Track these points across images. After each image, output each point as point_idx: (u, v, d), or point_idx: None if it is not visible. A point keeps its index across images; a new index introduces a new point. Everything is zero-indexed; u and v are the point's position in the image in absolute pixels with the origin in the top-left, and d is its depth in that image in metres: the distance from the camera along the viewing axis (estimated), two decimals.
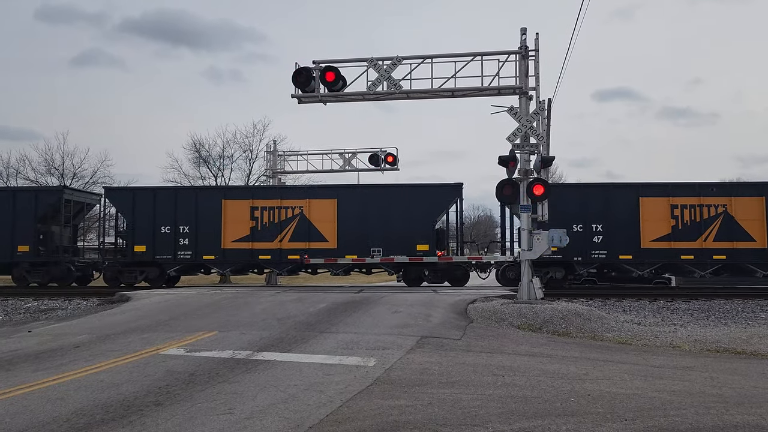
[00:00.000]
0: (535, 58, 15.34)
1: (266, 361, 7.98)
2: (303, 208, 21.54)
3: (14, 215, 21.94)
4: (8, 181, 38.99)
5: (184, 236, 21.66)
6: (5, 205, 22.08)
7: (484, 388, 6.61)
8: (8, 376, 7.45)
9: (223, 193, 22.87)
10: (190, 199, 22.18)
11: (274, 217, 21.67)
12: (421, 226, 21.14)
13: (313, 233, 21.45)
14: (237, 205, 21.82)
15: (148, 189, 23.08)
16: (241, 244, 21.61)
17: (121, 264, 22.27)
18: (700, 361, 9.20)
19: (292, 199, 21.79)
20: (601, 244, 20.40)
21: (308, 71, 16.20)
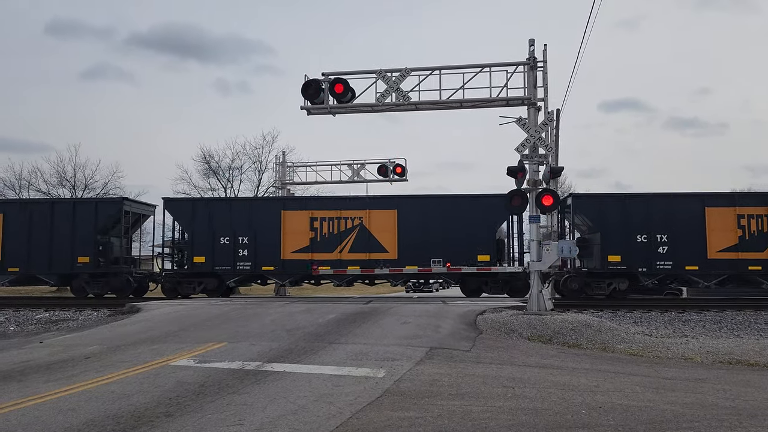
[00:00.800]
0: (544, 68, 15.38)
1: (276, 372, 7.99)
2: (363, 219, 21.46)
3: (74, 226, 21.93)
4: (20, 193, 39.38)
5: (243, 247, 21.63)
6: (65, 216, 22.09)
7: (494, 399, 6.58)
8: (20, 386, 7.49)
9: (283, 204, 22.74)
10: (250, 210, 22.23)
11: (334, 228, 21.58)
12: (481, 237, 20.98)
13: (373, 244, 21.36)
14: (296, 215, 21.76)
15: (208, 200, 23.27)
16: (301, 255, 21.53)
17: (179, 275, 22.18)
18: (712, 373, 9.12)
19: (351, 209, 21.69)
20: (666, 254, 20.16)
21: (317, 83, 16.32)
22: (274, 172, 29.74)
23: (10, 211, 22.55)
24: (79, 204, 23.10)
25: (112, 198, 23.10)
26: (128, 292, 22.64)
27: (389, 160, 26.61)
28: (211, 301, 18.68)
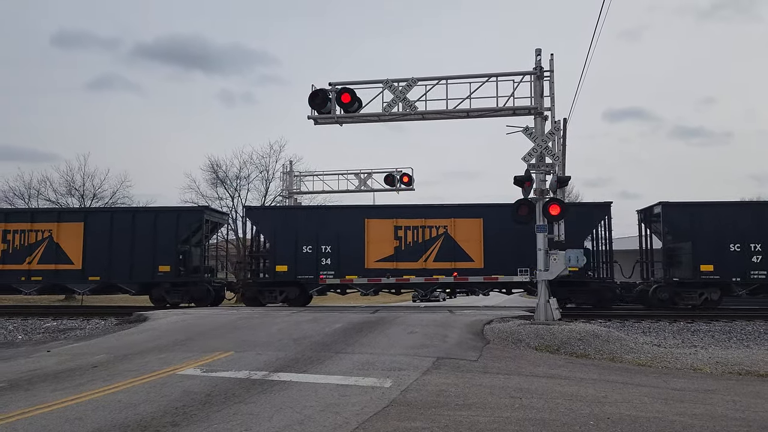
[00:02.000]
0: (550, 78, 15.40)
1: (282, 382, 7.97)
2: (447, 228, 21.21)
3: (155, 235, 21.91)
4: (29, 202, 39.66)
5: (326, 256, 21.43)
6: (147, 225, 22.08)
7: (502, 410, 6.54)
8: (27, 395, 7.51)
9: (366, 212, 22.31)
10: (333, 219, 22.03)
11: (418, 237, 21.37)
12: (569, 246, 20.65)
13: (459, 253, 21.09)
14: (380, 224, 21.53)
15: (290, 209, 22.93)
16: (385, 263, 21.29)
17: (260, 284, 22.04)
18: (722, 383, 9.03)
19: (436, 218, 21.46)
20: (760, 264, 19.91)
21: (324, 93, 16.38)
22: (282, 181, 29.81)
23: (92, 220, 22.49)
24: (160, 213, 22.89)
25: (193, 207, 22.94)
26: (208, 301, 22.41)
27: (396, 170, 26.63)
28: (218, 310, 18.70)
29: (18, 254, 22.17)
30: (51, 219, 22.60)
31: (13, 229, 22.30)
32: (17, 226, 22.32)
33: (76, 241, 22.06)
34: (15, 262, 22.11)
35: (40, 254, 22.09)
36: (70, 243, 22.07)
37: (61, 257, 22.03)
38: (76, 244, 22.04)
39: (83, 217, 22.68)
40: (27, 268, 22.07)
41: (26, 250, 22.16)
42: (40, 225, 22.30)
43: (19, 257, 22.12)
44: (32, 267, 22.09)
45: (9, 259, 22.15)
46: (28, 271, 22.08)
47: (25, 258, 22.11)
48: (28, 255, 22.14)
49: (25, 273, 22.07)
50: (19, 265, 22.08)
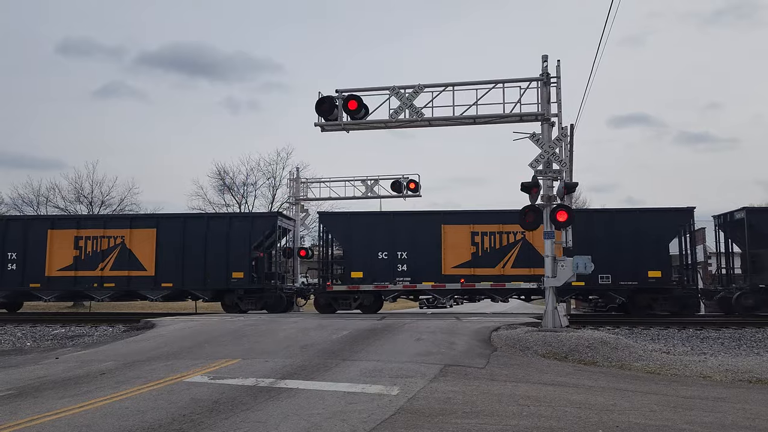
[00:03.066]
0: (557, 84, 15.38)
1: (289, 389, 7.96)
2: (525, 234, 20.86)
3: (229, 241, 21.87)
4: (38, 209, 39.92)
5: (402, 262, 21.25)
6: (220, 231, 22.04)
7: (509, 418, 6.50)
8: (35, 402, 7.53)
9: (443, 218, 22.07)
10: (409, 225, 21.75)
11: (496, 243, 21.19)
12: (651, 252, 20.50)
13: (537, 259, 20.48)
14: (457, 230, 21.36)
15: (366, 214, 22.75)
16: (462, 270, 21.10)
17: (334, 290, 21.72)
18: (732, 391, 8.95)
19: (514, 223, 20.73)
20: None
21: (331, 100, 16.42)
22: (288, 188, 29.88)
23: (164, 227, 22.45)
24: (234, 219, 22.92)
25: (267, 213, 22.88)
26: (281, 308, 22.22)
27: (403, 176, 26.58)
28: (225, 317, 18.72)
29: (91, 260, 22.16)
30: (123, 225, 22.61)
31: (85, 235, 22.35)
32: (89, 232, 22.37)
33: (149, 247, 22.07)
34: (88, 268, 22.15)
35: (112, 261, 22.11)
36: (142, 249, 22.09)
37: (133, 264, 22.04)
38: (149, 251, 22.05)
39: (155, 224, 22.60)
40: (99, 274, 22.10)
41: (99, 256, 22.15)
42: (112, 231, 22.32)
43: (92, 264, 22.11)
44: (105, 273, 22.13)
45: (81, 265, 22.15)
46: (101, 278, 22.11)
47: (98, 264, 22.10)
48: (100, 261, 22.12)
49: (98, 279, 22.10)
50: (91, 271, 22.11)
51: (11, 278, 22.41)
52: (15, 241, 22.50)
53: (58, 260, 22.32)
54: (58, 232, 22.52)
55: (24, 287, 22.50)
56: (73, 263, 22.20)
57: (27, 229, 22.69)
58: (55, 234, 22.50)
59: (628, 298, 20.85)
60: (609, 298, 21.47)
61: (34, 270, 22.29)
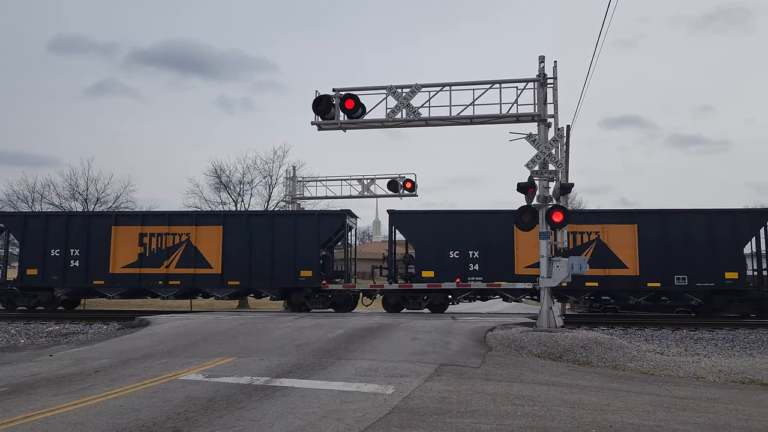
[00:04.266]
0: (554, 85, 15.41)
1: (284, 388, 7.97)
2: (600, 234, 20.69)
3: (296, 239, 21.51)
4: (33, 206, 39.76)
5: (474, 261, 20.89)
6: (287, 229, 21.69)
7: (504, 417, 6.53)
8: (30, 399, 7.52)
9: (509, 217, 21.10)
10: (482, 223, 21.22)
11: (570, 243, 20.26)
12: (727, 253, 20.16)
13: (611, 259, 20.49)
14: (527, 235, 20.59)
15: (437, 213, 22.13)
16: (535, 270, 19.85)
17: (403, 289, 21.28)
18: (724, 392, 9.00)
19: (587, 223, 20.92)
20: None
21: (328, 99, 16.42)
22: (285, 186, 29.85)
23: (231, 224, 22.13)
24: (301, 217, 22.46)
25: (336, 211, 22.34)
26: (348, 308, 21.81)
27: (399, 176, 26.60)
28: (221, 316, 18.70)
29: (155, 258, 21.88)
30: (189, 222, 22.24)
31: (149, 232, 22.04)
32: (154, 229, 22.06)
33: (215, 244, 21.77)
34: (152, 265, 21.85)
35: (177, 258, 21.80)
36: (208, 247, 21.79)
37: (199, 261, 21.74)
38: (215, 248, 21.75)
39: (222, 221, 22.26)
40: (165, 272, 21.80)
41: (163, 253, 21.85)
42: (177, 228, 22.01)
43: (157, 261, 21.84)
44: (170, 271, 21.80)
45: (146, 262, 21.88)
46: (166, 275, 21.79)
47: (163, 262, 21.81)
48: (165, 259, 21.82)
49: (163, 277, 21.80)
50: (156, 268, 21.82)
51: (75, 275, 22.08)
52: (78, 238, 22.20)
53: (122, 257, 22.00)
54: (122, 229, 22.20)
55: (88, 284, 22.16)
56: (138, 260, 21.89)
57: (90, 225, 22.41)
58: (119, 230, 22.19)
59: (704, 300, 20.54)
60: (683, 300, 21.17)
61: (98, 267, 21.96)
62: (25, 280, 22.39)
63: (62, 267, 22.11)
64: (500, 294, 21.31)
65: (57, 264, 22.12)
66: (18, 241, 23.19)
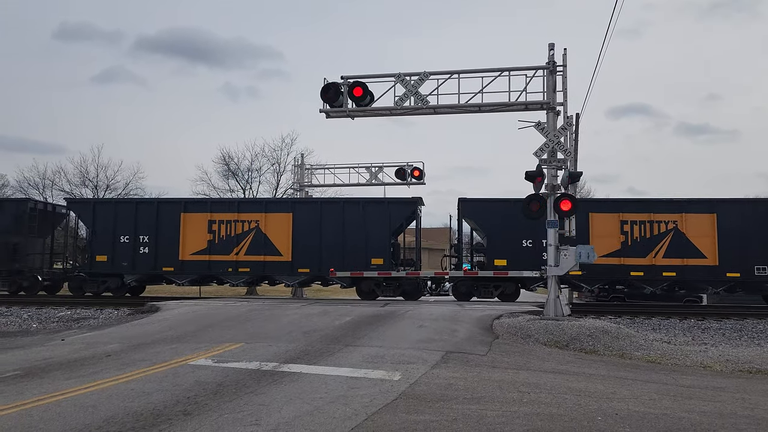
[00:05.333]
0: (563, 73, 15.33)
1: (292, 373, 8.06)
2: (677, 223, 20.42)
3: (366, 227, 21.39)
4: (44, 193, 40.08)
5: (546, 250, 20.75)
6: (357, 216, 21.59)
7: (510, 404, 6.58)
8: (42, 383, 7.65)
9: (590, 206, 21.19)
10: None
11: (645, 232, 20.58)
12: None
13: (689, 248, 20.24)
14: (604, 218, 20.75)
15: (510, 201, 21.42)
16: (610, 259, 20.49)
17: (473, 279, 21.11)
18: (731, 381, 9.02)
19: (665, 212, 20.65)
20: None
21: (336, 86, 16.42)
22: (293, 174, 29.91)
23: (301, 211, 22.09)
24: (372, 204, 22.18)
25: (406, 198, 22.16)
26: (418, 295, 21.64)
27: (407, 164, 26.55)
28: (229, 302, 18.85)
29: (225, 245, 21.93)
30: (258, 209, 22.26)
31: (218, 219, 22.10)
32: (223, 216, 22.13)
33: (285, 232, 21.74)
34: (222, 252, 21.90)
35: (247, 245, 21.81)
36: (278, 234, 21.77)
37: (269, 248, 21.72)
38: (285, 236, 21.72)
39: (291, 208, 22.27)
40: (234, 259, 21.82)
41: (233, 240, 21.90)
42: (246, 215, 22.03)
43: (226, 248, 21.89)
44: (239, 258, 21.83)
45: (215, 249, 21.92)
46: (236, 262, 21.83)
47: (232, 249, 21.85)
48: (234, 246, 21.86)
49: (232, 264, 21.83)
50: (226, 255, 21.87)
51: (144, 262, 22.19)
52: (147, 224, 22.30)
53: (191, 244, 22.04)
54: (191, 216, 22.24)
55: (157, 271, 22.30)
56: (207, 247, 21.94)
57: (159, 212, 22.48)
58: (188, 217, 22.23)
59: None
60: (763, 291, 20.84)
61: (168, 253, 22.07)
62: (94, 267, 22.46)
63: (131, 253, 22.22)
64: (573, 284, 21.06)
65: (126, 250, 22.25)
66: (87, 227, 23.26)
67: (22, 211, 23.45)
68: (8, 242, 23.08)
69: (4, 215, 23.30)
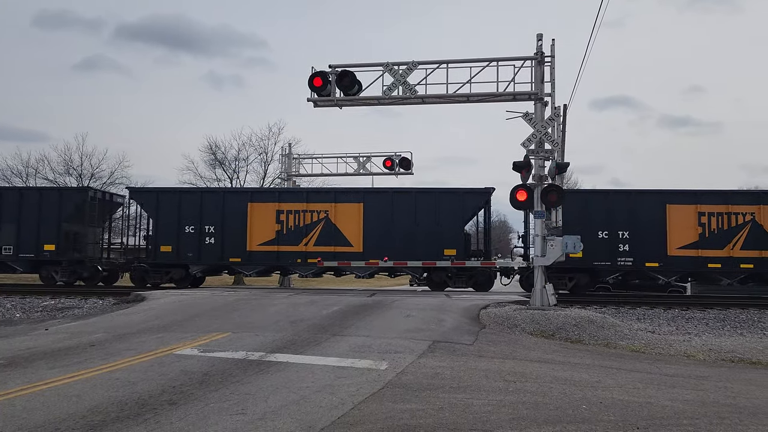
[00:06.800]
0: (551, 64, 15.33)
1: (279, 363, 8.04)
2: (755, 215, 20.20)
3: (438, 217, 21.09)
4: (27, 181, 39.57)
5: (623, 242, 20.40)
6: (431, 207, 21.25)
7: (496, 393, 6.61)
8: (25, 372, 7.57)
9: (668, 198, 20.81)
10: (630, 204, 20.62)
11: (723, 224, 20.39)
12: None
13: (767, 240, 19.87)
14: (682, 210, 20.38)
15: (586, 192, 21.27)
16: (687, 251, 20.22)
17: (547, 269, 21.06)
18: (714, 370, 9.13)
19: (742, 204, 20.42)
20: None
21: (324, 75, 16.31)
22: (280, 163, 29.77)
23: (371, 201, 21.67)
24: (445, 194, 21.80)
25: (480, 189, 21.79)
26: (488, 287, 21.47)
27: (395, 153, 26.57)
28: (216, 292, 18.77)
29: (293, 235, 21.61)
30: (327, 199, 21.86)
31: (286, 209, 21.76)
32: (291, 206, 21.77)
33: (355, 222, 21.41)
34: (290, 243, 21.56)
35: (316, 236, 21.51)
36: (348, 224, 21.45)
37: (339, 239, 21.40)
38: (356, 226, 21.40)
39: (362, 198, 21.80)
40: (303, 249, 21.49)
41: (301, 231, 21.58)
42: (315, 205, 21.68)
43: (295, 238, 21.57)
44: (308, 249, 21.48)
45: (283, 240, 21.59)
46: (305, 253, 21.48)
47: (301, 239, 21.52)
48: (303, 236, 21.54)
49: (301, 255, 21.51)
50: (294, 246, 21.53)
51: (210, 252, 21.83)
52: (212, 215, 21.94)
53: (259, 234, 21.70)
54: (259, 206, 21.89)
55: (224, 261, 22.00)
56: (275, 237, 21.58)
57: (225, 202, 22.15)
58: (255, 207, 21.87)
59: None
60: None
61: (234, 244, 21.74)
62: (159, 257, 22.07)
63: (197, 244, 21.86)
64: (650, 275, 20.89)
65: (192, 241, 21.88)
66: (151, 217, 22.73)
67: (83, 200, 22.88)
68: (69, 231, 22.57)
69: (66, 204, 22.60)
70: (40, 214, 22.27)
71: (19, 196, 22.94)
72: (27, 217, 22.32)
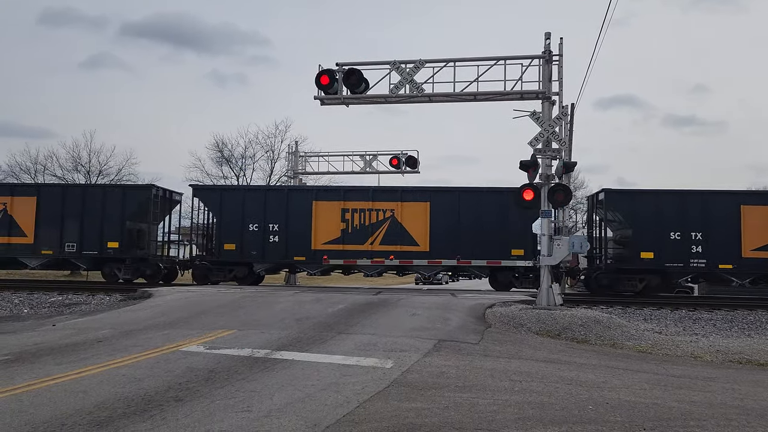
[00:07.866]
0: (559, 62, 15.28)
1: (284, 360, 8.05)
2: None
3: (506, 217, 20.78)
4: (35, 177, 39.80)
5: (696, 243, 20.08)
6: (497, 205, 21.02)
7: (501, 393, 6.59)
8: (33, 368, 7.60)
9: (743, 199, 20.60)
10: (702, 203, 20.29)
11: None
12: None
13: None
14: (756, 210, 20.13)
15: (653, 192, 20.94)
16: (762, 253, 19.91)
17: (613, 270, 20.87)
18: (721, 372, 9.08)
19: None
20: None
21: (331, 73, 16.31)
22: (287, 161, 29.82)
23: (438, 200, 21.61)
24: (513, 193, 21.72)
25: None
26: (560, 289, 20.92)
27: (402, 152, 26.54)
28: (222, 289, 18.82)
29: (359, 234, 21.59)
30: (393, 198, 21.78)
31: (351, 207, 21.75)
32: (356, 204, 21.76)
33: (422, 221, 21.38)
34: (356, 242, 21.55)
35: (382, 234, 21.47)
36: (414, 223, 21.42)
37: (405, 238, 21.38)
38: (422, 225, 21.37)
39: (428, 197, 21.75)
40: (369, 248, 21.48)
41: (367, 229, 21.57)
42: (381, 204, 21.63)
43: (361, 237, 21.56)
44: (374, 248, 21.48)
45: (349, 238, 21.57)
46: (371, 252, 21.47)
47: (367, 238, 21.51)
48: (369, 235, 21.53)
49: (367, 254, 21.48)
50: (360, 245, 21.52)
51: (274, 250, 21.91)
52: (276, 213, 21.94)
53: (323, 233, 21.73)
54: (323, 204, 21.87)
55: (288, 260, 22.06)
56: (341, 236, 21.62)
57: (289, 200, 22.17)
58: (320, 205, 21.82)
59: None
60: None
61: (299, 242, 21.75)
62: (222, 255, 22.11)
63: (261, 242, 21.86)
64: (724, 277, 20.62)
65: (256, 239, 21.91)
66: (214, 215, 22.81)
67: (146, 198, 22.95)
68: (132, 229, 22.67)
69: (130, 202, 22.65)
70: (104, 211, 22.39)
71: (83, 193, 23.04)
72: (90, 214, 22.43)
